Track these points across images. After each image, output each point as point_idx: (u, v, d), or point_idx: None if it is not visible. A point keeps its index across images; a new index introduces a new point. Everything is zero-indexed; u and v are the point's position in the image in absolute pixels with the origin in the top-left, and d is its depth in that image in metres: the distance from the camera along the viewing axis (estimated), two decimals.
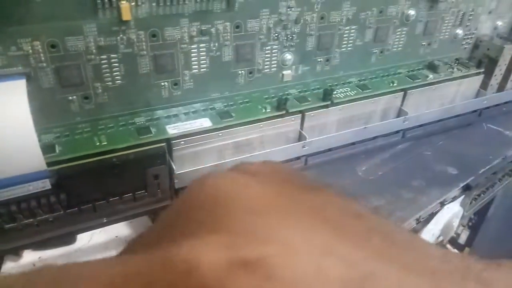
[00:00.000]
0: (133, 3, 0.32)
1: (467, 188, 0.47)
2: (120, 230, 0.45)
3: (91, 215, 0.35)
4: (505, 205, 0.88)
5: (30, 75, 0.31)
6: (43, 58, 0.31)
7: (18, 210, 0.31)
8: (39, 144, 0.29)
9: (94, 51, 0.32)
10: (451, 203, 0.45)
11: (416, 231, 0.42)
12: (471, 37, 0.56)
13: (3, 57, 0.29)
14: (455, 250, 0.54)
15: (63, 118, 0.34)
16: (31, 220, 0.32)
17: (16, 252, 0.40)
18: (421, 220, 0.42)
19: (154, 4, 0.33)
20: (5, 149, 0.28)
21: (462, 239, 0.92)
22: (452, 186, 0.45)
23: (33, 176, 0.29)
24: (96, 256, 0.42)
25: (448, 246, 0.72)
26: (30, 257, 0.41)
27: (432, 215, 0.43)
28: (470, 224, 0.90)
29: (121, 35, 0.33)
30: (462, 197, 0.46)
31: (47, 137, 0.33)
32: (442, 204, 0.44)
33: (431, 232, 0.43)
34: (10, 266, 0.40)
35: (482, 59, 0.55)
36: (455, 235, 0.90)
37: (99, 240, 0.44)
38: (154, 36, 0.34)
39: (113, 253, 0.45)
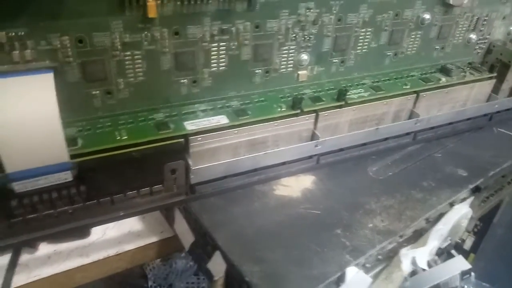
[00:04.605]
0: (159, 1, 0.33)
1: (476, 190, 0.47)
2: (133, 225, 0.46)
3: (109, 208, 0.36)
4: (510, 212, 0.88)
5: (57, 69, 0.32)
6: (70, 53, 0.32)
7: (40, 201, 0.32)
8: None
9: (119, 47, 0.33)
10: (460, 204, 0.46)
11: (425, 230, 0.43)
12: (484, 42, 0.56)
13: (33, 51, 0.30)
14: (460, 256, 0.54)
15: (86, 112, 0.35)
16: (52, 211, 0.33)
17: (33, 245, 0.41)
18: (430, 220, 0.43)
19: (178, 2, 0.34)
20: (31, 141, 0.29)
21: (467, 245, 0.92)
22: (462, 188, 0.46)
23: (57, 167, 0.30)
24: (110, 250, 0.43)
25: (453, 251, 0.72)
26: (45, 250, 0.42)
27: (441, 216, 0.44)
28: (475, 230, 0.90)
29: (145, 32, 0.34)
30: (471, 198, 0.47)
31: (69, 130, 0.34)
32: (451, 205, 0.45)
33: (439, 232, 0.43)
34: (27, 258, 0.41)
35: (495, 63, 0.56)
36: (460, 241, 0.90)
37: (112, 235, 0.45)
38: (177, 33, 0.35)
39: (126, 247, 0.46)
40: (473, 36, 0.54)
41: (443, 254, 0.68)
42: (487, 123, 0.58)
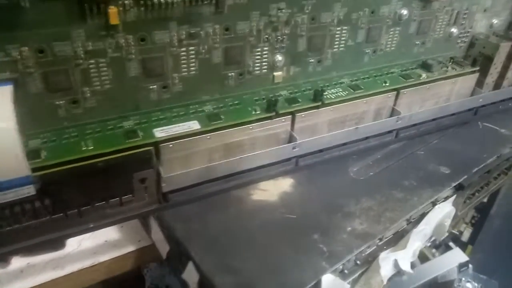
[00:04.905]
0: (121, 8, 0.32)
1: (459, 188, 0.47)
2: (110, 234, 0.45)
3: (78, 220, 0.35)
4: (507, 203, 0.88)
5: (17, 81, 0.31)
6: (31, 64, 0.31)
7: (3, 216, 0.31)
8: (24, 149, 0.29)
9: (82, 55, 0.33)
10: (443, 203, 0.45)
11: (406, 232, 0.42)
12: (466, 36, 0.55)
13: None
14: (457, 248, 0.54)
15: (50, 123, 0.34)
16: (17, 226, 0.32)
17: (4, 259, 0.41)
18: (412, 220, 0.43)
19: (142, 8, 0.33)
20: None
21: (465, 236, 0.92)
22: (444, 186, 0.45)
23: (17, 182, 0.29)
24: (86, 261, 0.43)
25: (451, 243, 0.72)
26: (18, 263, 0.41)
27: (423, 216, 0.43)
28: (472, 222, 0.90)
29: (109, 40, 0.33)
30: (454, 196, 0.46)
31: (33, 142, 0.33)
32: (434, 204, 0.44)
33: (421, 233, 0.43)
34: None
35: (478, 57, 0.55)
36: (457, 233, 0.90)
37: (88, 245, 0.44)
38: (143, 40, 0.34)
39: (102, 258, 0.45)
40: (454, 30, 0.53)
41: (441, 246, 0.68)
42: (472, 117, 0.57)
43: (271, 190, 0.43)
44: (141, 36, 0.34)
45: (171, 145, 0.36)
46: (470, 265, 0.76)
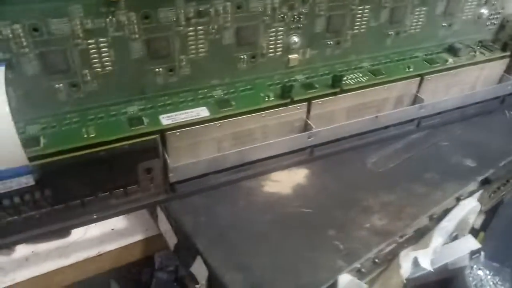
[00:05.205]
0: None
1: (485, 182, 0.44)
2: (117, 223, 0.43)
3: (80, 211, 0.33)
4: None
5: (11, 62, 0.29)
6: (25, 43, 0.28)
7: (1, 208, 0.29)
8: (22, 136, 0.27)
9: (81, 34, 0.30)
10: (468, 199, 0.42)
11: (428, 229, 0.39)
12: (497, 17, 0.51)
13: None
14: (469, 235, 0.51)
15: (49, 108, 0.32)
16: (16, 217, 0.31)
17: (8, 247, 0.39)
18: (435, 217, 0.40)
19: None
20: None
21: (477, 224, 0.89)
22: (469, 180, 0.42)
23: (14, 172, 0.27)
24: (91, 250, 0.41)
25: None
26: (23, 251, 0.40)
27: (446, 212, 0.41)
28: None
29: (110, 17, 0.30)
30: (480, 192, 0.43)
31: (32, 128, 0.31)
32: (458, 200, 0.42)
33: (444, 230, 0.40)
34: (2, 260, 0.39)
35: (508, 41, 0.51)
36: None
37: (94, 233, 0.42)
38: (146, 17, 0.31)
39: (108, 247, 0.44)
40: (484, 11, 0.49)
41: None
42: (498, 106, 0.53)
43: (284, 181, 0.40)
44: (145, 13, 0.31)
45: (178, 133, 0.33)
46: (482, 252, 0.74)
